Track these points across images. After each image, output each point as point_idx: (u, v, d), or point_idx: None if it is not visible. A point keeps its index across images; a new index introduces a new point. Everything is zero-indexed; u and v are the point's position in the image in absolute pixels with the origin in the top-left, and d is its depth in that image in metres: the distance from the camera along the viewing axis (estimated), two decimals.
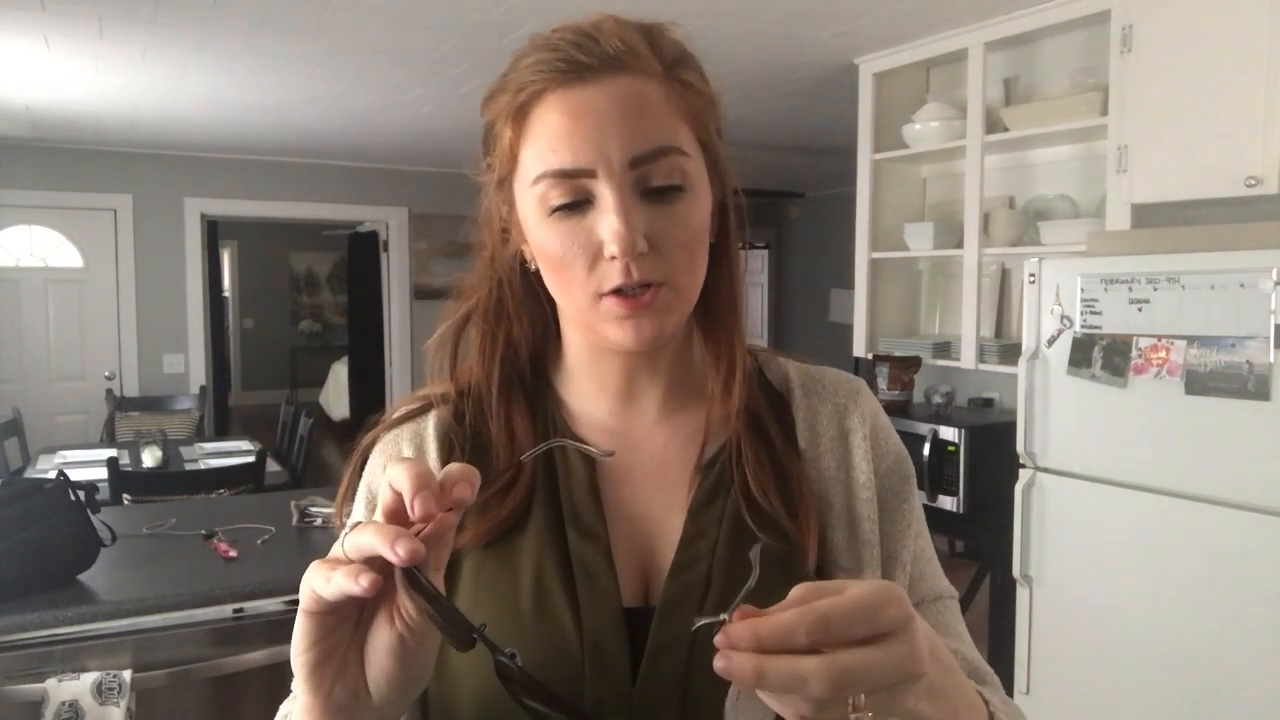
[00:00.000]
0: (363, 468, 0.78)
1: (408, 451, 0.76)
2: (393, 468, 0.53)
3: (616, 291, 0.66)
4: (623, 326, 0.67)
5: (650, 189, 0.65)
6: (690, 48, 0.71)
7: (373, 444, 0.78)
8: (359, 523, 0.53)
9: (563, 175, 0.64)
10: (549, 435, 0.76)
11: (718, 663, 0.44)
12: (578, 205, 0.65)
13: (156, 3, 3.05)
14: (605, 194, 0.64)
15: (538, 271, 0.71)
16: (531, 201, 0.67)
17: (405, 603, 0.52)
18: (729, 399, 0.73)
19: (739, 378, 0.74)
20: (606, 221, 0.64)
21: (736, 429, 0.73)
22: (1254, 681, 2.15)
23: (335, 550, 0.74)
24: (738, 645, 0.44)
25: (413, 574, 0.50)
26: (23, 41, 3.48)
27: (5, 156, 5.63)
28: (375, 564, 0.50)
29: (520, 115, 0.67)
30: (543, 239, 0.67)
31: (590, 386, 0.77)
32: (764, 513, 0.70)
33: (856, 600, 0.45)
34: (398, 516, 0.53)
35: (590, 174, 0.64)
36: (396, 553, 0.49)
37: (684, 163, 0.66)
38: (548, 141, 0.65)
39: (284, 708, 0.71)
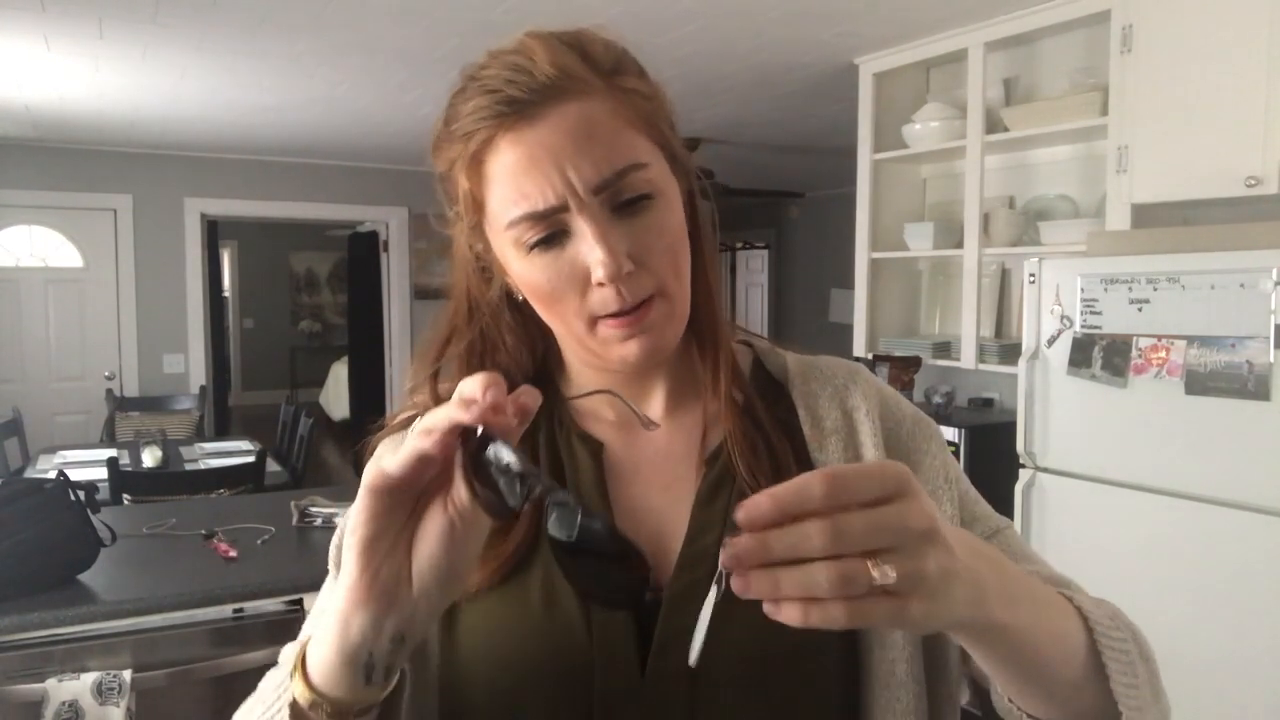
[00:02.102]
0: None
1: None
2: (464, 381, 0.54)
3: (612, 314, 0.66)
4: (625, 346, 0.68)
5: (621, 204, 0.66)
6: (621, 45, 0.70)
7: (374, 448, 0.78)
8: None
9: (536, 218, 0.65)
10: (554, 435, 0.76)
11: (723, 557, 0.45)
12: (554, 237, 0.65)
13: (156, 3, 3.05)
14: (580, 224, 0.64)
15: (526, 300, 0.72)
16: (507, 243, 0.67)
17: (460, 491, 0.54)
18: (717, 387, 0.74)
19: (723, 363, 0.74)
20: (589, 250, 0.64)
21: (728, 420, 0.73)
22: (1254, 681, 2.15)
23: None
24: (754, 523, 0.45)
25: (484, 437, 0.52)
26: (23, 41, 3.48)
27: (5, 156, 5.62)
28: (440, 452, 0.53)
29: (475, 164, 0.67)
30: (527, 275, 0.68)
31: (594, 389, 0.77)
32: None
33: (862, 465, 0.53)
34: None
35: (562, 209, 0.64)
36: (469, 411, 0.51)
37: (647, 173, 0.66)
38: (512, 189, 0.65)
39: (285, 651, 0.70)
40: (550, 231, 0.65)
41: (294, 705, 0.58)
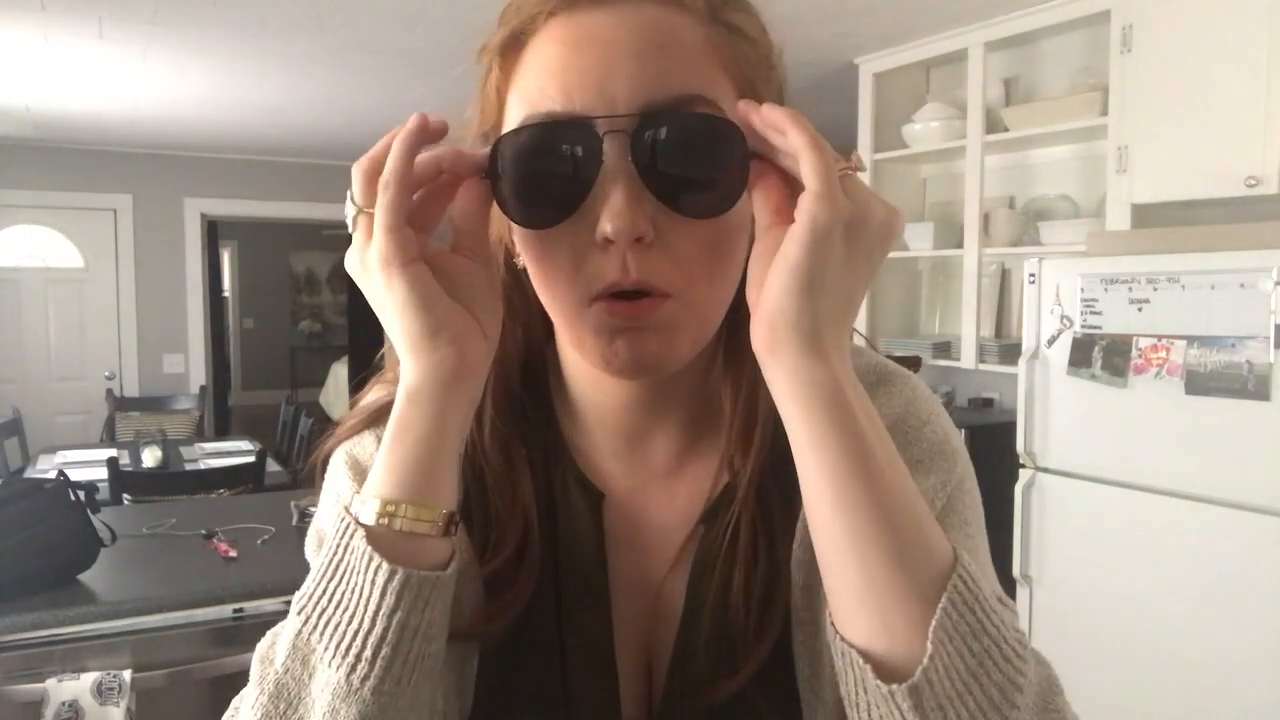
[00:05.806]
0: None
1: (372, 449, 0.61)
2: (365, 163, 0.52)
3: (608, 294, 0.49)
4: (612, 344, 0.51)
5: None
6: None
7: (335, 448, 0.64)
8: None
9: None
10: (549, 473, 0.62)
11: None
12: None
13: (156, 3, 3.05)
14: (605, 155, 0.49)
15: (525, 268, 0.55)
16: None
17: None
18: (747, 448, 0.58)
19: (762, 413, 0.58)
20: (599, 192, 0.49)
21: (741, 501, 0.58)
22: (1253, 681, 2.15)
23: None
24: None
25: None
26: (23, 41, 3.48)
27: (5, 156, 5.62)
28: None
29: (512, 48, 0.52)
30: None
31: (591, 418, 0.62)
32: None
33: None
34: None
35: (587, 122, 0.49)
36: (417, 126, 0.50)
37: None
38: (539, 80, 0.50)
39: (272, 632, 0.60)
40: None
41: (383, 534, 0.48)
